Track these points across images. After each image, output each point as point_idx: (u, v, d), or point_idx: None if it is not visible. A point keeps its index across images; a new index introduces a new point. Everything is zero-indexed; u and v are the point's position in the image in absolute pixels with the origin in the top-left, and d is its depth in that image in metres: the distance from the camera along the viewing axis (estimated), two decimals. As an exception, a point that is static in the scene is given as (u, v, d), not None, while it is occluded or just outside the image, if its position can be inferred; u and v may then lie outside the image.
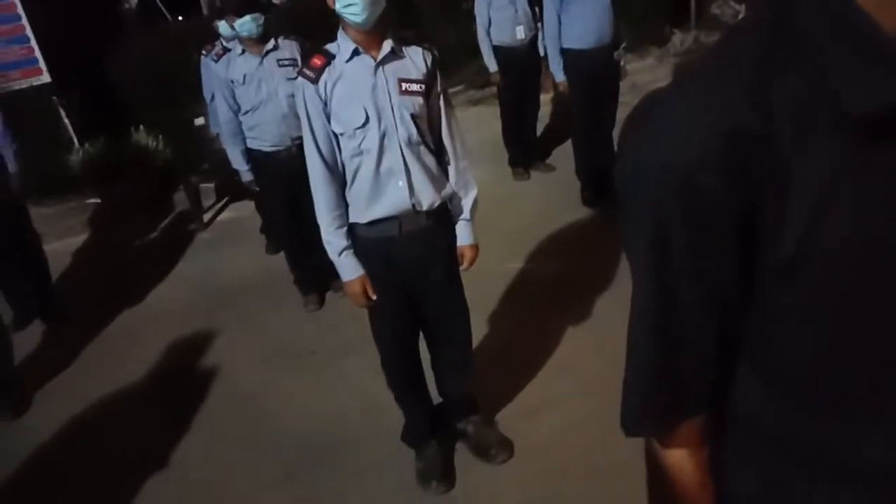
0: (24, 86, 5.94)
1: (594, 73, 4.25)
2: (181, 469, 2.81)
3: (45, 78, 6.06)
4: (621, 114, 6.47)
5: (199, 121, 5.29)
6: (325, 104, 2.07)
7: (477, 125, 5.30)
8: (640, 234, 0.68)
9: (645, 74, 7.74)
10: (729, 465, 0.78)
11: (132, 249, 5.35)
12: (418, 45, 2.16)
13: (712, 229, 0.62)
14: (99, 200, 5.97)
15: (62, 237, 5.38)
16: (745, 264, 0.63)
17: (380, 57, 2.06)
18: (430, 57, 2.15)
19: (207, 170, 5.77)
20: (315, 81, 2.05)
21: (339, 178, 2.15)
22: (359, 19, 1.98)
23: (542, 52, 4.85)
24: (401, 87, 2.08)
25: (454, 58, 7.63)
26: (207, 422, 3.08)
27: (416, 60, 2.12)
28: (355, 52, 2.05)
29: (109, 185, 5.93)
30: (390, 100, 2.07)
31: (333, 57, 2.07)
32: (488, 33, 4.91)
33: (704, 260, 0.64)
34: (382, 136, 2.07)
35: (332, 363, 3.27)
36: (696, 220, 0.63)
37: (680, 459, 0.78)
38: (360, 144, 2.08)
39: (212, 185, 5.93)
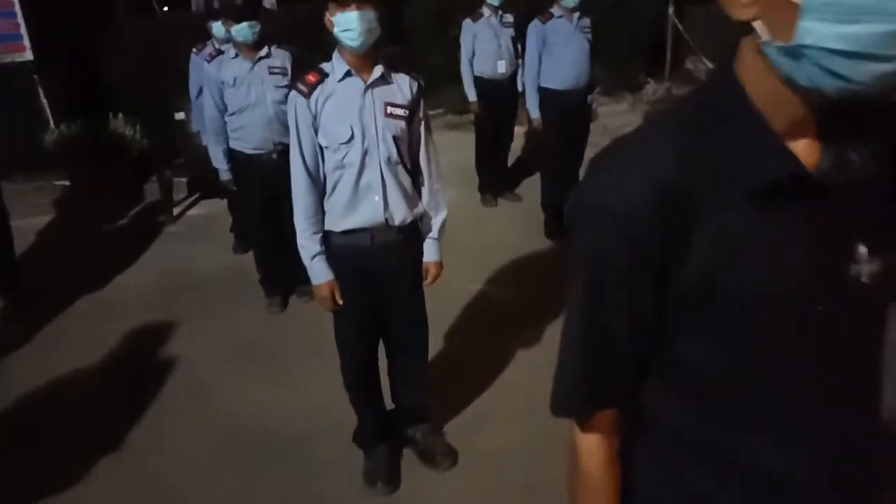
0: (5, 60, 5.93)
1: (568, 112, 4.48)
2: (131, 454, 2.87)
3: (28, 55, 6.05)
4: (589, 153, 6.74)
5: (180, 115, 5.36)
6: (315, 118, 2.21)
7: (452, 149, 5.46)
8: (579, 257, 0.84)
9: (617, 118, 8.04)
10: (637, 460, 0.94)
11: (99, 235, 5.36)
12: (406, 73, 2.33)
13: (637, 260, 0.79)
14: (69, 183, 5.96)
15: (29, 215, 5.34)
16: (661, 290, 0.79)
17: (370, 80, 2.22)
18: (416, 85, 2.32)
19: (182, 164, 5.84)
20: (307, 96, 2.20)
21: (320, 188, 2.29)
22: (354, 44, 2.14)
23: (520, 88, 5.06)
24: (386, 110, 2.24)
25: (438, 81, 7.83)
26: (160, 411, 3.15)
27: (402, 87, 2.29)
28: (348, 74, 2.21)
29: (82, 169, 5.93)
30: (375, 121, 2.22)
31: (327, 75, 2.22)
32: (471, 64, 5.12)
33: (629, 284, 0.80)
34: (364, 153, 2.22)
35: (290, 365, 3.37)
36: (624, 252, 0.79)
37: (592, 444, 0.93)
38: (343, 158, 2.22)
39: (184, 180, 5.99)
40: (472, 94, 5.17)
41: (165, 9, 8.01)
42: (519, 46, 5.04)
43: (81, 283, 4.37)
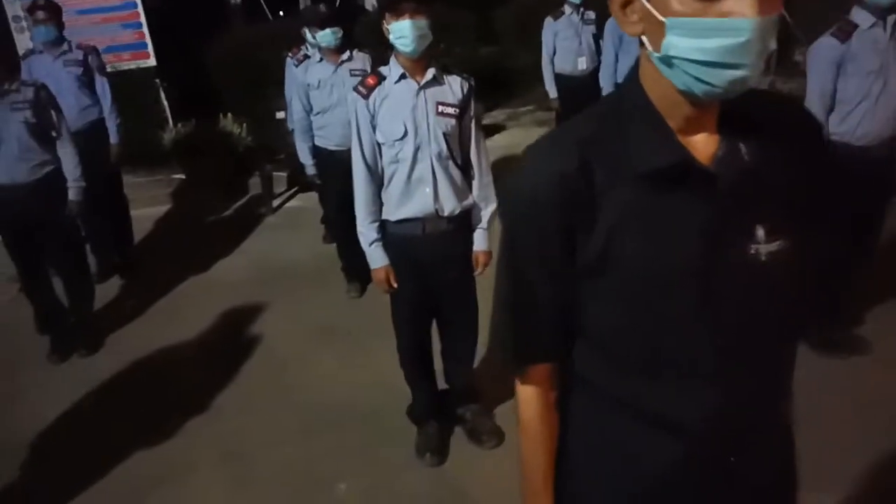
0: (132, 66, 6.60)
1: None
2: (218, 414, 3.26)
3: (151, 61, 6.69)
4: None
5: (280, 114, 5.78)
6: (373, 117, 2.44)
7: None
8: (503, 237, 1.01)
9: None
10: (569, 409, 1.08)
11: (206, 223, 5.90)
12: (458, 74, 2.51)
13: (543, 238, 0.94)
14: (183, 176, 6.57)
15: (147, 205, 5.97)
16: (570, 258, 0.94)
17: (423, 82, 2.42)
18: (467, 86, 2.50)
19: (282, 160, 6.28)
20: (366, 97, 2.44)
21: (378, 180, 2.52)
22: (408, 49, 2.34)
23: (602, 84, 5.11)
24: (437, 108, 2.43)
25: (526, 79, 7.95)
26: (246, 379, 3.52)
27: (454, 87, 2.47)
28: (402, 76, 2.42)
29: (194, 164, 6.53)
30: (427, 119, 2.42)
31: (384, 78, 2.44)
32: (552, 61, 5.23)
33: (541, 252, 0.95)
34: (417, 149, 2.42)
35: (362, 344, 3.64)
36: (534, 227, 0.95)
37: (530, 394, 1.08)
38: (397, 154, 2.44)
39: (284, 175, 6.44)
40: (552, 91, 5.29)
41: (281, 13, 8.59)
42: (601, 42, 5.10)
43: (189, 266, 4.86)
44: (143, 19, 6.61)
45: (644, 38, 0.86)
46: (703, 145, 0.90)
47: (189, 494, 2.77)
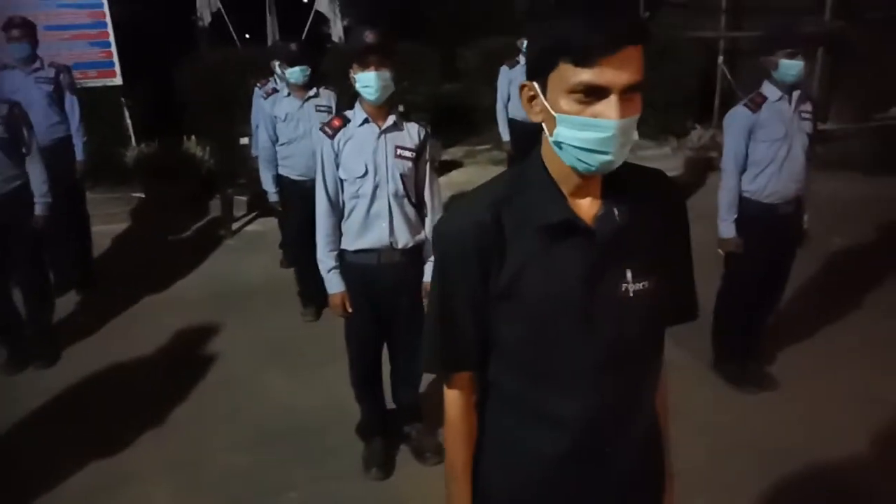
0: (98, 84, 6.71)
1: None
2: (167, 426, 3.41)
3: (118, 80, 6.83)
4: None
5: (244, 140, 5.98)
6: (337, 155, 2.69)
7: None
8: (435, 265, 1.27)
9: (656, 162, 8.32)
10: (485, 411, 1.32)
11: (165, 243, 6.01)
12: (416, 122, 2.78)
13: (465, 267, 1.19)
14: (143, 195, 6.67)
15: (107, 222, 6.06)
16: (484, 287, 1.19)
17: (384, 126, 2.68)
18: (424, 132, 2.77)
19: (243, 184, 6.46)
20: (332, 137, 2.68)
21: (338, 213, 2.75)
22: (372, 98, 2.61)
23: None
24: (396, 151, 2.69)
25: (486, 118, 8.31)
26: (198, 394, 3.68)
27: (412, 133, 2.74)
28: (366, 120, 2.68)
29: (156, 184, 6.64)
30: (386, 160, 2.68)
31: (349, 121, 2.70)
32: (506, 107, 5.57)
33: (463, 280, 1.20)
34: (376, 187, 2.67)
35: (313, 365, 3.83)
36: (457, 261, 1.20)
37: (453, 397, 1.32)
38: (357, 190, 2.69)
39: (245, 199, 6.61)
40: (505, 135, 5.62)
41: (247, 36, 8.77)
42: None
43: (146, 284, 4.99)
44: (111, 38, 6.75)
45: (544, 126, 1.14)
46: (587, 207, 1.18)
47: (131, 502, 2.89)
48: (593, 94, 1.05)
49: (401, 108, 6.26)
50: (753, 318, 3.53)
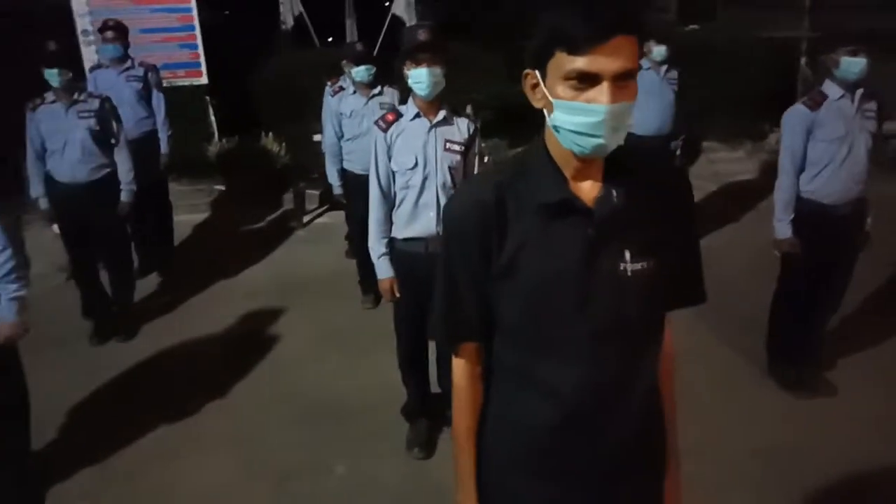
0: (185, 84, 7.14)
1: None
2: (232, 399, 3.66)
3: (204, 80, 7.23)
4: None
5: (317, 137, 6.24)
6: (389, 148, 2.82)
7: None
8: (443, 241, 1.35)
9: (728, 165, 8.11)
10: (489, 383, 1.41)
11: (240, 233, 6.35)
12: (466, 117, 2.89)
13: (469, 244, 1.27)
14: (224, 188, 7.05)
15: (190, 212, 6.46)
16: (486, 264, 1.27)
17: (435, 121, 2.80)
18: (473, 127, 2.87)
19: (315, 179, 6.72)
20: (385, 131, 2.82)
21: (390, 202, 2.89)
22: (423, 93, 2.73)
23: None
24: (445, 145, 2.80)
25: (519, 115, 8.32)
26: (259, 372, 3.92)
27: (461, 127, 2.85)
28: (417, 115, 2.80)
29: (235, 177, 7.01)
30: (436, 153, 2.79)
31: (401, 115, 2.83)
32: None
33: (467, 256, 1.29)
34: (425, 178, 2.79)
35: (369, 351, 3.99)
36: (460, 239, 1.29)
37: (460, 367, 1.41)
38: (407, 181, 2.81)
39: (316, 193, 6.87)
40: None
41: (330, 39, 9.12)
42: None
43: (220, 270, 5.30)
44: (199, 41, 7.16)
45: (545, 112, 1.22)
46: (588, 189, 1.25)
47: (192, 469, 3.12)
48: (586, 80, 1.13)
49: (469, 108, 6.44)
50: (810, 321, 3.44)
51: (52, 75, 3.80)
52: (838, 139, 3.07)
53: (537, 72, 1.21)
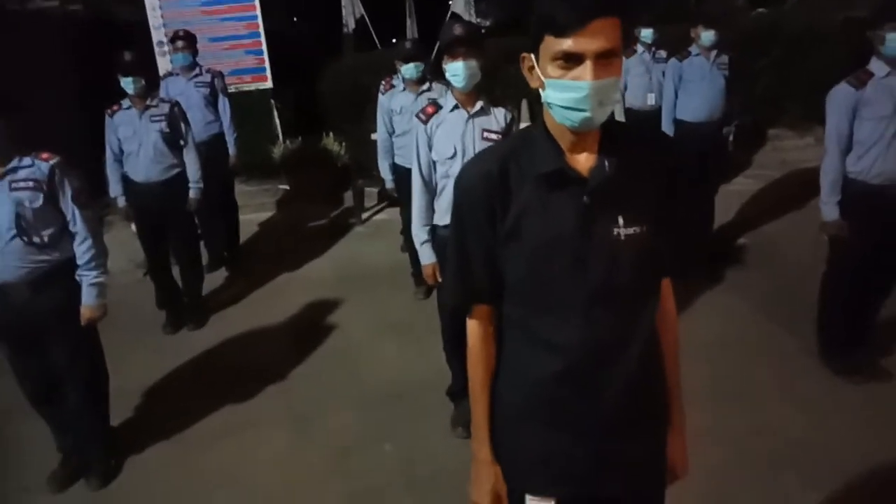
0: (251, 88, 7.50)
1: (700, 142, 4.73)
2: (292, 382, 3.88)
3: (269, 84, 7.58)
4: (755, 186, 6.78)
5: (375, 135, 6.44)
6: (429, 139, 2.96)
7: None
8: (454, 208, 1.46)
9: (797, 152, 7.86)
10: (500, 341, 1.52)
11: (303, 230, 6.63)
12: (503, 107, 2.99)
13: (476, 211, 1.39)
14: (288, 187, 7.37)
15: (255, 211, 6.81)
16: (492, 229, 1.39)
17: (472, 111, 2.92)
18: (510, 116, 2.98)
19: (374, 176, 6.94)
20: (425, 123, 2.96)
21: (431, 191, 3.03)
22: (460, 85, 2.85)
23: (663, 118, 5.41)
24: (483, 134, 2.91)
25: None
26: (318, 358, 4.14)
27: (498, 117, 2.95)
28: (455, 106, 2.93)
29: (298, 177, 7.33)
30: (474, 142, 2.91)
31: (441, 107, 2.96)
32: (623, 96, 5.59)
33: (475, 223, 1.40)
34: (463, 167, 2.91)
35: (421, 338, 4.14)
36: (469, 208, 1.40)
37: (474, 326, 1.52)
38: (447, 170, 2.94)
39: (375, 190, 7.10)
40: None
41: (394, 40, 9.37)
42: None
43: (284, 264, 5.58)
44: (264, 47, 7.51)
45: (541, 91, 1.33)
46: (584, 160, 1.35)
47: (254, 444, 3.34)
48: (571, 60, 1.24)
49: (524, 103, 6.49)
50: (862, 306, 3.38)
51: (128, 83, 4.11)
52: (885, 117, 3.01)
53: (532, 55, 1.32)
